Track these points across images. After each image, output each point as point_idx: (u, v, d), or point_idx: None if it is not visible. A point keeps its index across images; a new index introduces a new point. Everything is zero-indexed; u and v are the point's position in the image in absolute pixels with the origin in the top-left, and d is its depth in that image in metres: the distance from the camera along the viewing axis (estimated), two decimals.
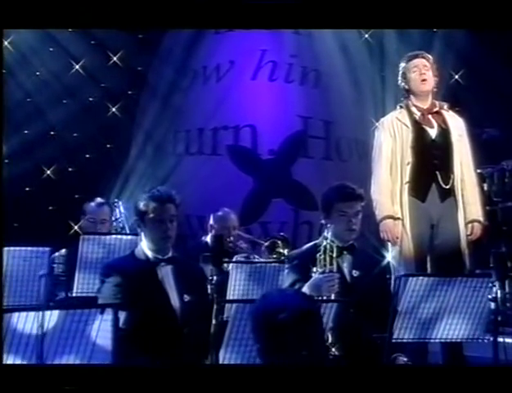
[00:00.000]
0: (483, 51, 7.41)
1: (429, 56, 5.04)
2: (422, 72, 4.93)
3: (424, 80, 4.93)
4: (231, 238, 5.69)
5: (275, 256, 5.79)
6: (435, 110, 4.98)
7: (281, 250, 5.83)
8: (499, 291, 3.42)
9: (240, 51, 7.62)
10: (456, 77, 7.89)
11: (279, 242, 5.89)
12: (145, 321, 3.65)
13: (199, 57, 7.66)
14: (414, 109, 4.96)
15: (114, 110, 7.67)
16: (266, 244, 5.90)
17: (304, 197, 7.38)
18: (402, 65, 5.02)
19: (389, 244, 4.85)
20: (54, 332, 2.78)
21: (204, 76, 7.70)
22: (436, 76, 5.01)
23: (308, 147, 7.68)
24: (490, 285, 3.46)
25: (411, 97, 4.97)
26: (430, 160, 4.90)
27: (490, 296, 3.46)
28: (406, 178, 4.84)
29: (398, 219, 4.82)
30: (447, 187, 4.87)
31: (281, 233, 6.09)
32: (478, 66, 7.53)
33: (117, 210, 5.67)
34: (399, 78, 5.03)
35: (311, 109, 7.68)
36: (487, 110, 7.21)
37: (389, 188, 4.85)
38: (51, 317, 2.80)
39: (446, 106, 5.05)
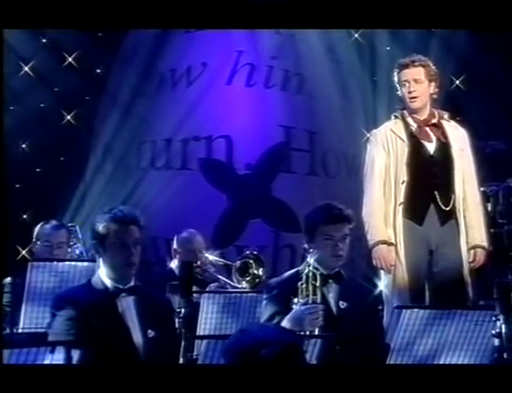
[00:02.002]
0: (487, 53, 7.49)
1: (425, 62, 5.03)
2: (411, 90, 4.94)
3: (413, 98, 4.94)
4: (198, 262, 5.68)
5: (248, 279, 5.77)
6: (434, 121, 5.01)
7: (255, 272, 5.79)
8: (503, 326, 3.43)
9: (214, 52, 7.64)
10: (457, 82, 7.97)
11: (251, 262, 5.83)
12: (102, 360, 3.64)
13: (166, 59, 7.68)
14: (410, 120, 4.99)
15: (68, 118, 7.66)
16: (237, 266, 5.87)
17: (286, 218, 7.40)
18: (395, 72, 5.04)
19: (382, 271, 4.88)
20: None
21: (172, 80, 7.72)
22: (434, 82, 5.03)
23: (291, 161, 7.71)
24: (493, 319, 3.49)
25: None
26: (428, 179, 4.94)
27: (493, 332, 3.48)
28: (401, 198, 4.87)
29: (392, 244, 4.84)
30: (447, 208, 4.91)
31: (253, 251, 6.04)
32: (482, 71, 7.61)
33: (73, 235, 5.66)
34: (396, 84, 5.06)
35: (293, 118, 7.72)
36: (491, 120, 7.28)
37: (382, 210, 4.88)
38: None
39: (446, 116, 5.09)
